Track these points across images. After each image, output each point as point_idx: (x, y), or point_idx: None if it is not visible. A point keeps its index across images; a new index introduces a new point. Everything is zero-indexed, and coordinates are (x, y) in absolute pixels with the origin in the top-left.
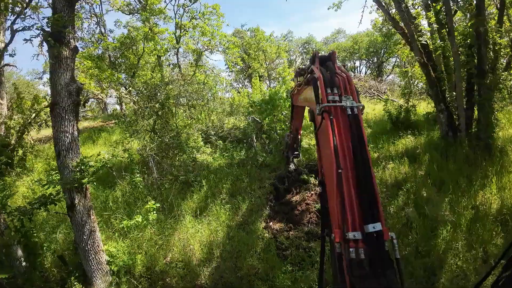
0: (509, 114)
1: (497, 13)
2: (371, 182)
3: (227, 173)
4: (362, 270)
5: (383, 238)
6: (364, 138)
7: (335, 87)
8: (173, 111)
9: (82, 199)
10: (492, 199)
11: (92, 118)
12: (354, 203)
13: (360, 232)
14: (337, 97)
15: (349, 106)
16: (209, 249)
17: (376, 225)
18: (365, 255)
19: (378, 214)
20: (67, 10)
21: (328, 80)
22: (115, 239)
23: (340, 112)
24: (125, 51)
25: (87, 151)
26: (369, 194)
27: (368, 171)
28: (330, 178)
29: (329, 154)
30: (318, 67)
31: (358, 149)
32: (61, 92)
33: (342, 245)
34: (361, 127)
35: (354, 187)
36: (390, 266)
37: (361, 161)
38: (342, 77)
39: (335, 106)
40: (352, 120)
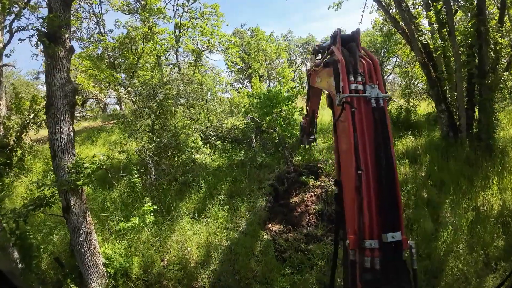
0: (510, 114)
1: (498, 12)
2: (394, 187)
3: (226, 174)
4: (376, 279)
5: (402, 247)
6: (389, 135)
7: (359, 73)
8: (172, 111)
9: (78, 201)
10: (493, 201)
11: (91, 118)
12: (373, 209)
13: (378, 241)
14: (361, 86)
15: (374, 97)
16: (207, 251)
17: (396, 234)
18: (381, 265)
19: (398, 223)
20: (63, 10)
21: (351, 65)
22: (112, 241)
23: (364, 104)
24: (125, 51)
25: (86, 151)
26: (391, 200)
27: (392, 175)
28: (348, 179)
29: (348, 152)
30: (340, 48)
31: (381, 148)
32: (56, 93)
33: (356, 252)
34: (386, 122)
35: (374, 191)
36: (406, 277)
37: (385, 162)
38: (367, 62)
39: (358, 97)
40: (377, 113)
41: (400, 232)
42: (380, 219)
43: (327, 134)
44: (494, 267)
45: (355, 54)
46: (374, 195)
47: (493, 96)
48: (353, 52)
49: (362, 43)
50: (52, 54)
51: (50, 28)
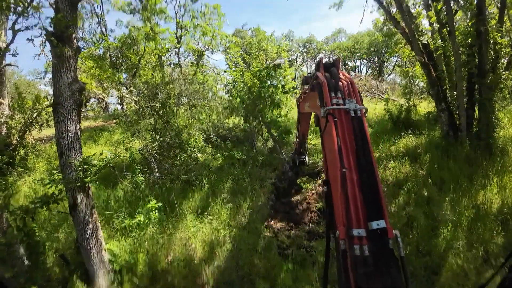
0: (510, 113)
1: (497, 12)
2: (374, 181)
3: (228, 173)
4: (367, 267)
5: (387, 235)
6: (367, 138)
7: (339, 91)
8: (174, 111)
9: (84, 198)
10: (493, 199)
11: (93, 118)
12: (358, 201)
13: (364, 229)
14: (341, 101)
15: (352, 108)
16: (210, 248)
17: (380, 222)
18: (369, 252)
19: (382, 212)
20: (69, 10)
21: (333, 85)
22: (117, 238)
23: (344, 115)
24: (126, 51)
25: (88, 150)
26: (372, 192)
27: (371, 170)
28: (335, 177)
29: (333, 154)
30: (323, 73)
31: (361, 149)
32: (63, 92)
33: (346, 242)
34: (364, 128)
35: (358, 186)
36: (395, 264)
37: (364, 160)
38: (346, 82)
39: (338, 109)
40: (356, 122)
41: (384, 220)
42: (365, 209)
43: None
44: (493, 263)
45: (335, 76)
46: (358, 189)
47: (493, 95)
48: (333, 74)
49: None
50: (60, 54)
51: (58, 28)
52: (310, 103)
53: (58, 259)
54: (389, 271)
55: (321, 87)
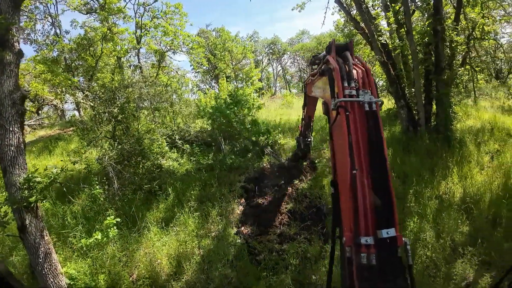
0: (466, 107)
1: (453, 12)
2: (387, 185)
3: (195, 179)
4: (373, 276)
5: (397, 244)
6: (382, 136)
7: (353, 80)
8: (134, 116)
9: (33, 220)
10: (454, 189)
11: (48, 126)
12: (368, 206)
13: (373, 237)
14: (354, 91)
15: (367, 101)
16: (178, 262)
17: (390, 230)
18: (376, 261)
19: (393, 220)
20: (12, 11)
21: (346, 72)
22: (75, 259)
23: (357, 108)
24: (82, 52)
25: (43, 162)
26: (384, 197)
27: (385, 173)
28: (344, 179)
29: (343, 153)
30: (335, 57)
31: (375, 148)
32: (4, 102)
33: (352, 249)
34: (379, 124)
35: (369, 190)
36: (402, 274)
37: (378, 161)
38: (360, 70)
39: (351, 101)
40: (370, 116)
41: (395, 228)
42: (375, 216)
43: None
44: (461, 252)
45: (348, 62)
46: (369, 193)
47: (449, 90)
48: (347, 60)
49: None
50: (0, 59)
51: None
52: (319, 88)
53: None
54: (396, 281)
55: (332, 74)
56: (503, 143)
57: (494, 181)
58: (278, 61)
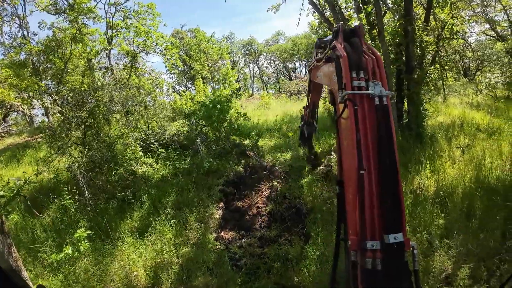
0: (436, 104)
1: (424, 13)
2: (396, 186)
3: (171, 184)
4: (377, 280)
5: (404, 248)
6: (392, 134)
7: (362, 70)
8: (106, 120)
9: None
10: (428, 183)
11: (17, 134)
12: (375, 210)
13: (379, 242)
14: (364, 83)
15: (377, 94)
16: (155, 273)
17: (398, 235)
18: (382, 266)
19: (401, 224)
20: None
21: (355, 61)
22: (46, 276)
23: (366, 102)
24: (51, 55)
25: (11, 172)
26: (393, 200)
27: (394, 173)
28: (351, 179)
29: (350, 151)
30: (342, 43)
31: (385, 147)
32: None
33: (358, 253)
34: (390, 120)
35: (376, 191)
36: (408, 279)
37: (388, 161)
38: (370, 58)
39: (360, 94)
40: (380, 111)
41: (402, 233)
42: (382, 220)
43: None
44: (438, 245)
45: (358, 49)
46: (376, 195)
47: (420, 89)
48: (356, 47)
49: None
50: None
51: None
52: (324, 75)
53: None
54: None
55: (340, 63)
56: (473, 138)
57: (466, 174)
58: (255, 62)
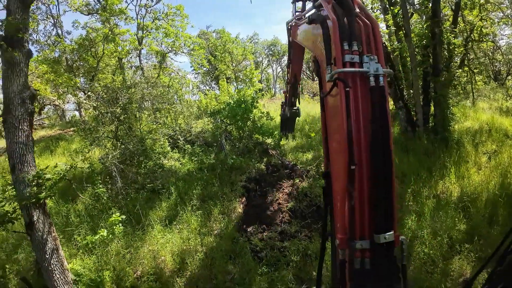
0: (464, 108)
1: (451, 14)
2: (390, 184)
3: (196, 178)
4: (365, 277)
5: (394, 246)
6: (388, 120)
7: (355, 40)
8: (136, 116)
9: (41, 216)
10: (452, 188)
11: (49, 127)
12: (366, 207)
13: (369, 241)
14: (357, 57)
15: (373, 73)
16: (181, 258)
17: (389, 235)
18: (371, 265)
19: (392, 222)
20: (21, 11)
21: (347, 29)
22: (80, 256)
23: (360, 81)
24: (84, 53)
25: (45, 162)
26: (385, 198)
27: (388, 167)
28: (339, 173)
29: (340, 141)
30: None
31: (379, 135)
32: (14, 100)
33: (346, 252)
34: (385, 106)
35: (368, 187)
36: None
37: (381, 152)
38: (364, 24)
39: (353, 73)
40: (376, 94)
41: (393, 231)
42: (372, 217)
43: None
44: (458, 249)
45: (350, 12)
46: (367, 192)
47: (447, 92)
48: (347, 9)
49: None
50: (10, 59)
51: (8, 32)
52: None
53: (20, 282)
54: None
55: (328, 30)
56: (501, 144)
57: (491, 180)
58: (278, 63)
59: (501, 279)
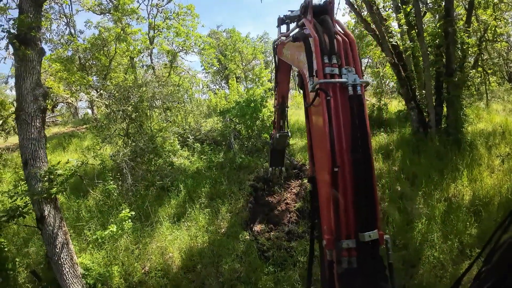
0: (477, 109)
1: (465, 14)
2: (370, 182)
3: (205, 177)
4: (353, 277)
5: (378, 244)
6: (366, 126)
7: (334, 54)
8: (147, 114)
9: (52, 211)
10: (464, 191)
11: (62, 124)
12: (350, 207)
13: (355, 240)
14: (336, 69)
15: (351, 83)
16: (189, 255)
17: (373, 233)
18: (358, 263)
19: (375, 221)
20: (34, 10)
21: (327, 45)
22: (90, 250)
23: (340, 91)
24: (96, 52)
25: (57, 158)
26: (367, 197)
27: (368, 169)
28: (324, 176)
29: (323, 147)
30: (312, 21)
31: (358, 140)
32: (26, 97)
33: (333, 252)
34: (364, 112)
35: (351, 189)
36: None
37: (362, 155)
38: (343, 40)
39: (333, 83)
40: (354, 102)
41: (377, 229)
42: (356, 217)
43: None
44: (469, 254)
45: (330, 30)
46: (350, 193)
47: (460, 92)
48: (327, 27)
49: None
50: (23, 57)
51: (21, 30)
52: (291, 54)
53: (30, 275)
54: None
55: (310, 45)
56: None
57: (504, 184)
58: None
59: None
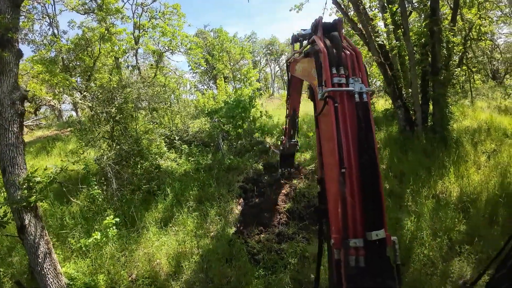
0: (463, 107)
1: (450, 13)
2: (377, 183)
3: (193, 179)
4: (361, 277)
5: (386, 244)
6: (372, 131)
7: (342, 66)
8: (132, 116)
9: (32, 219)
10: (451, 188)
11: (45, 127)
12: (357, 207)
13: (362, 239)
14: (344, 79)
15: (357, 91)
16: (177, 261)
17: (380, 232)
18: (365, 263)
19: (382, 220)
20: (11, 11)
21: (334, 56)
22: (74, 259)
23: (347, 99)
24: (80, 53)
25: (41, 163)
26: (374, 198)
27: (374, 171)
28: (332, 177)
29: (332, 149)
30: (322, 38)
31: (365, 143)
32: (3, 101)
33: (341, 251)
34: (369, 118)
35: (358, 189)
36: (390, 274)
37: (368, 158)
38: (350, 54)
39: (341, 91)
40: (360, 109)
41: (384, 229)
42: (363, 217)
43: None
44: (458, 250)
45: (338, 44)
46: (357, 193)
47: (446, 91)
48: (335, 42)
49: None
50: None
51: None
52: (303, 69)
53: (14, 285)
54: (384, 281)
55: (319, 58)
56: (500, 143)
57: (490, 180)
58: (276, 62)
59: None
